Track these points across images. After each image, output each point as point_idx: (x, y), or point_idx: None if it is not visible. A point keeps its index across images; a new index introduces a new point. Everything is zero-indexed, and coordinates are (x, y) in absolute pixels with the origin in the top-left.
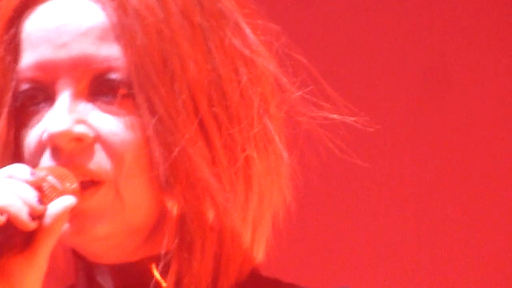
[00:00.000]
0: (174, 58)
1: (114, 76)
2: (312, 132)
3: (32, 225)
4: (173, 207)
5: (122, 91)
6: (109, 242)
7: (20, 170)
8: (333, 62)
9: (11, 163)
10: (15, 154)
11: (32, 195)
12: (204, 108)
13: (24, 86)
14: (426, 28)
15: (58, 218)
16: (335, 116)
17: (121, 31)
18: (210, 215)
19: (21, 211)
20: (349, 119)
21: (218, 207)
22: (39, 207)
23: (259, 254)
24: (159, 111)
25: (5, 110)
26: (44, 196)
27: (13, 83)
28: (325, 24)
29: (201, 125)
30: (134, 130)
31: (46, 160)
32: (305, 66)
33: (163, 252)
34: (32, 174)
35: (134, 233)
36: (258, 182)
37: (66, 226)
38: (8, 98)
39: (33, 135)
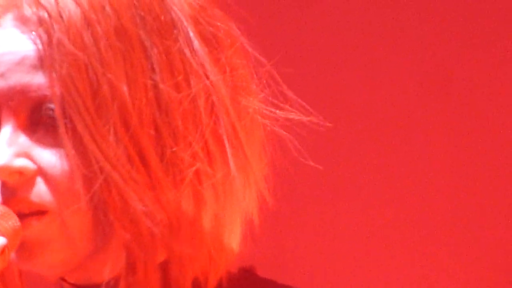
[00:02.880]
0: (103, 83)
1: (50, 105)
2: (277, 133)
3: None
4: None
5: (56, 121)
6: (62, 269)
7: None
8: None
9: None
10: None
11: None
12: (139, 130)
13: None
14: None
15: None
16: (296, 116)
17: (46, 61)
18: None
19: None
20: (308, 119)
21: (161, 237)
22: None
23: (230, 263)
24: (84, 139)
25: None
26: None
27: None
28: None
29: (136, 148)
30: (69, 162)
31: None
32: (264, 65)
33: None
34: None
35: (86, 259)
36: (212, 196)
37: (13, 256)
38: None
39: None
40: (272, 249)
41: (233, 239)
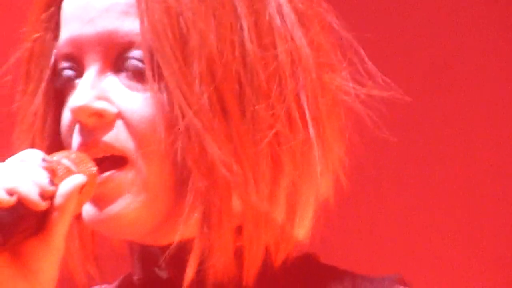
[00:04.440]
0: (193, 33)
1: (136, 51)
2: (357, 111)
3: (43, 205)
4: (195, 187)
5: (143, 66)
6: (132, 223)
7: (32, 154)
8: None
9: (52, 142)
10: (57, 133)
11: (42, 177)
12: (224, 83)
13: (61, 63)
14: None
15: (69, 196)
16: (377, 92)
17: (138, 7)
18: (232, 194)
19: (31, 192)
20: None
21: (234, 187)
22: (50, 187)
23: (300, 237)
24: (170, 85)
25: (43, 87)
26: (57, 178)
27: (52, 60)
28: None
29: (220, 100)
30: (153, 106)
31: (75, 137)
32: (350, 43)
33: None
34: (43, 158)
35: (158, 213)
36: (290, 162)
37: (89, 207)
38: (46, 74)
39: (65, 114)
40: (342, 234)
41: (306, 216)
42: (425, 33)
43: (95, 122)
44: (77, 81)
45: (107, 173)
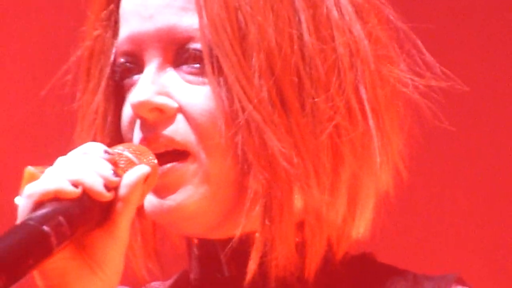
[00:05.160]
0: (251, 27)
1: (195, 46)
2: (415, 102)
3: (108, 195)
4: (256, 180)
5: (202, 61)
6: (194, 215)
7: (95, 147)
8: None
9: (113, 139)
10: (117, 129)
11: (106, 168)
12: (283, 76)
13: (120, 60)
14: None
15: (133, 187)
16: (435, 83)
17: (196, 3)
18: (293, 186)
19: (96, 183)
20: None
21: (295, 179)
22: (114, 178)
23: (361, 231)
24: (229, 79)
25: (103, 84)
26: (120, 169)
27: (112, 57)
28: None
29: (279, 93)
30: (213, 100)
31: (136, 132)
32: (408, 35)
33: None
34: (106, 150)
35: (220, 205)
36: (350, 154)
37: (151, 198)
38: (107, 72)
39: (126, 109)
40: (402, 231)
41: (366, 209)
42: (483, 22)
43: (156, 117)
44: (136, 77)
45: (168, 165)
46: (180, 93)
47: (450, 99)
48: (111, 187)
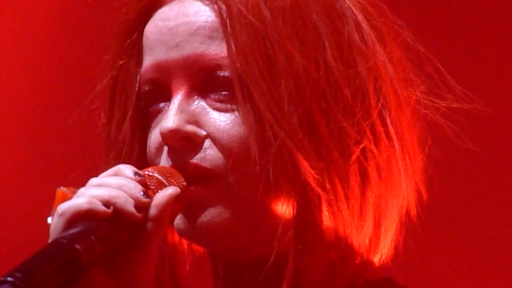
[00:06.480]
0: (279, 54)
1: (222, 73)
2: (437, 123)
3: (138, 216)
4: (285, 203)
5: (230, 88)
6: (223, 234)
7: (125, 168)
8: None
9: (139, 164)
10: (143, 156)
11: (137, 189)
12: (311, 102)
13: (145, 88)
14: None
15: (163, 207)
16: (458, 105)
17: (227, 30)
18: (324, 210)
19: (127, 203)
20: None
21: (327, 204)
22: (144, 199)
23: (385, 251)
24: (260, 107)
25: (130, 113)
26: (150, 190)
27: (137, 86)
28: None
29: (308, 119)
30: (242, 126)
31: (164, 158)
32: (428, 57)
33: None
34: (136, 172)
35: (248, 227)
36: (376, 176)
37: (180, 218)
38: (132, 100)
39: (153, 136)
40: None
41: (390, 229)
42: (503, 41)
43: (184, 144)
44: (162, 104)
45: (197, 187)
46: (208, 120)
47: (472, 120)
48: (142, 207)
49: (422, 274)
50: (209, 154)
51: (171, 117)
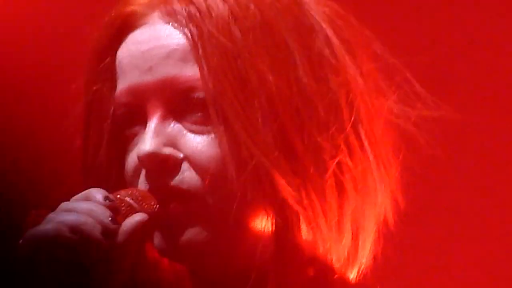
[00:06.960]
0: (251, 73)
1: (197, 95)
2: (409, 132)
3: (105, 242)
4: (264, 220)
5: (205, 109)
6: (202, 253)
7: (96, 193)
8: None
9: (117, 187)
10: (120, 178)
11: (105, 215)
12: (285, 119)
13: (120, 112)
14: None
15: (130, 234)
16: (428, 113)
17: (196, 54)
18: (302, 226)
19: (94, 229)
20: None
21: (305, 220)
22: (112, 226)
23: (364, 261)
24: (235, 127)
25: (106, 138)
26: (120, 215)
27: (111, 110)
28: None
29: (283, 136)
30: (218, 146)
31: (141, 181)
32: (397, 67)
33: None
34: (106, 197)
35: (227, 244)
36: (353, 188)
37: (159, 237)
38: (108, 125)
39: (130, 160)
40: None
41: (368, 239)
42: (470, 51)
43: (162, 167)
44: (137, 127)
45: (177, 206)
46: (185, 143)
47: (442, 127)
48: (109, 233)
49: (401, 282)
50: (187, 176)
51: (148, 140)
